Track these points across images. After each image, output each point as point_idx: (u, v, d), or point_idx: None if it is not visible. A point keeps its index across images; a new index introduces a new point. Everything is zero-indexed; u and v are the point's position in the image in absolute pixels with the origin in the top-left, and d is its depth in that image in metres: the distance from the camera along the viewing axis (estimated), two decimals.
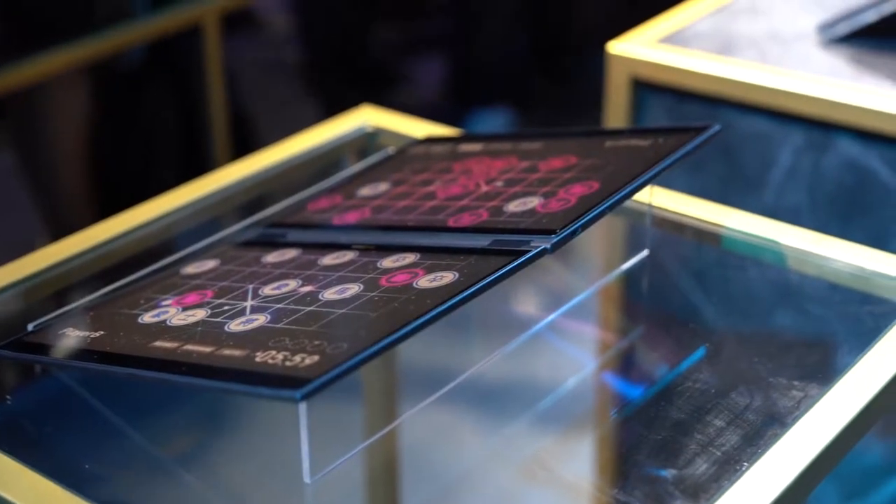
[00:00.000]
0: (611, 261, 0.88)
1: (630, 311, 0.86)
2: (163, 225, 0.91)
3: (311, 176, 0.97)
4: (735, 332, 0.81)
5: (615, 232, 0.88)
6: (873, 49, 1.17)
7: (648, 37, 1.21)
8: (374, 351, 0.58)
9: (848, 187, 1.10)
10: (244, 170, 0.97)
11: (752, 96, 1.12)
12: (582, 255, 0.89)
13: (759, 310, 0.83)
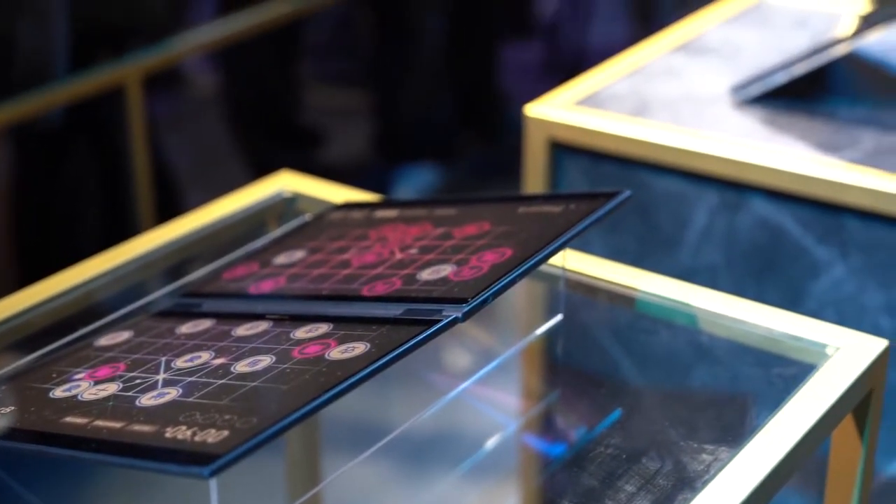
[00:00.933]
0: (526, 325, 0.89)
1: (546, 375, 0.86)
2: (81, 294, 0.90)
3: (229, 243, 0.97)
4: (648, 394, 0.82)
5: (530, 296, 0.89)
6: (784, 110, 1.19)
7: (565, 99, 1.23)
8: (283, 425, 0.58)
9: (762, 246, 1.12)
10: (162, 237, 0.97)
11: (666, 158, 1.14)
12: (498, 320, 0.90)
13: (671, 372, 0.84)
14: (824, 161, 1.09)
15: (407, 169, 2.81)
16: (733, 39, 1.37)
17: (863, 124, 1.16)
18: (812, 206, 1.09)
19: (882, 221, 1.06)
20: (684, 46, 1.36)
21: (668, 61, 1.32)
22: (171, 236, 0.97)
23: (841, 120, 1.17)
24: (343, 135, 2.97)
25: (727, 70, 1.29)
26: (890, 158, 1.09)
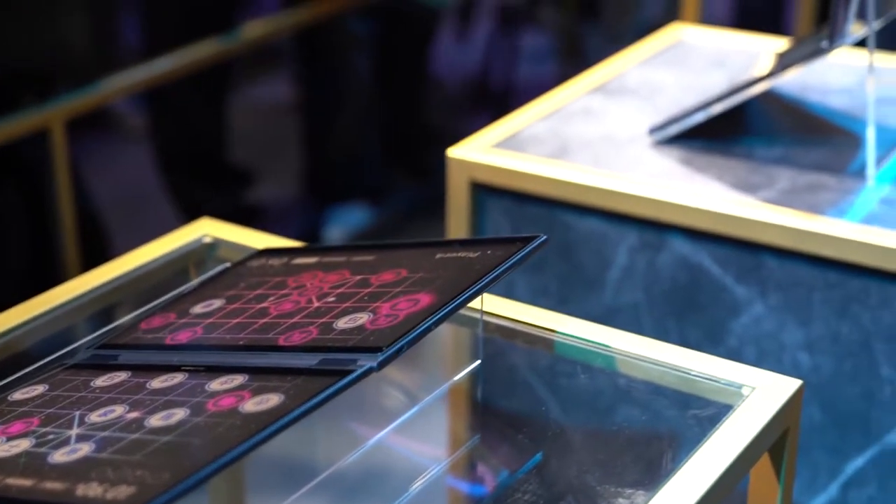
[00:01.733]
0: (446, 370, 0.89)
1: (466, 420, 0.86)
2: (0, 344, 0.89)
3: (149, 291, 0.97)
4: (568, 437, 0.82)
5: (449, 341, 0.89)
6: (702, 149, 1.21)
7: (486, 141, 1.23)
8: (194, 481, 0.58)
9: (682, 285, 1.13)
10: (82, 286, 0.96)
11: (587, 198, 1.15)
12: (419, 365, 0.90)
13: (591, 415, 0.84)
14: (741, 200, 1.10)
15: (337, 208, 2.81)
16: (652, 79, 1.39)
17: (779, 163, 1.17)
18: (730, 245, 1.10)
19: (799, 260, 1.07)
20: (603, 87, 1.37)
21: (587, 102, 1.33)
22: (91, 285, 0.96)
23: (758, 159, 1.18)
24: (273, 174, 2.97)
25: (646, 110, 1.31)
26: (805, 197, 1.10)
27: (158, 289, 0.96)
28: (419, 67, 3.02)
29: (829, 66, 1.38)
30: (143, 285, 0.98)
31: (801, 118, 1.30)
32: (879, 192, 1.12)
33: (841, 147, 1.21)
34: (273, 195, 2.89)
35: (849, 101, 1.32)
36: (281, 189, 2.94)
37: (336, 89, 2.73)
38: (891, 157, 1.18)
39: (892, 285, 1.04)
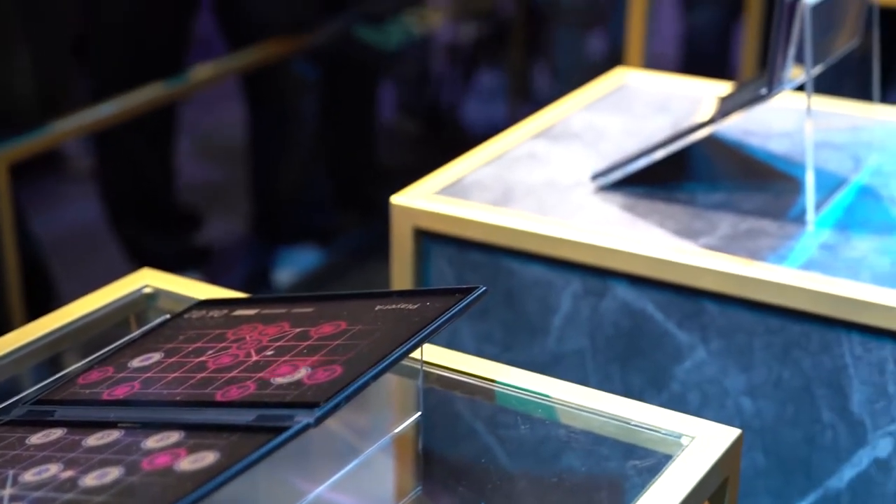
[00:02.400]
0: (386, 422, 0.89)
1: (408, 471, 0.86)
2: None
3: (89, 343, 0.96)
4: (509, 488, 0.82)
5: (390, 393, 0.89)
6: (645, 195, 1.21)
7: (430, 187, 1.24)
8: None
9: (626, 331, 1.14)
10: (21, 338, 0.95)
11: (530, 245, 1.15)
12: (359, 417, 0.90)
13: (531, 465, 0.84)
14: (683, 247, 1.11)
15: (286, 250, 2.80)
16: (596, 124, 1.40)
17: (721, 209, 1.18)
18: (672, 291, 1.10)
19: (740, 305, 1.08)
20: (547, 132, 1.38)
21: (531, 147, 1.34)
22: (31, 337, 0.95)
23: (699, 205, 1.19)
24: (221, 216, 2.96)
25: (589, 155, 1.31)
26: (746, 243, 1.11)
27: (99, 340, 0.95)
28: (367, 108, 3.02)
29: (770, 109, 1.40)
30: (84, 337, 0.98)
31: (742, 163, 1.31)
32: (819, 237, 1.13)
33: (782, 192, 1.22)
34: (221, 237, 2.88)
35: (790, 145, 1.33)
36: (229, 231, 2.93)
37: (283, 131, 2.72)
38: (830, 202, 1.19)
39: (831, 331, 1.05)
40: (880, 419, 1.05)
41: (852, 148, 1.32)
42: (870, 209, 1.19)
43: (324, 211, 2.89)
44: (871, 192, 1.22)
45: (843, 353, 1.05)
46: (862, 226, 1.15)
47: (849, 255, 1.09)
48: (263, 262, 2.82)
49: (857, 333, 1.04)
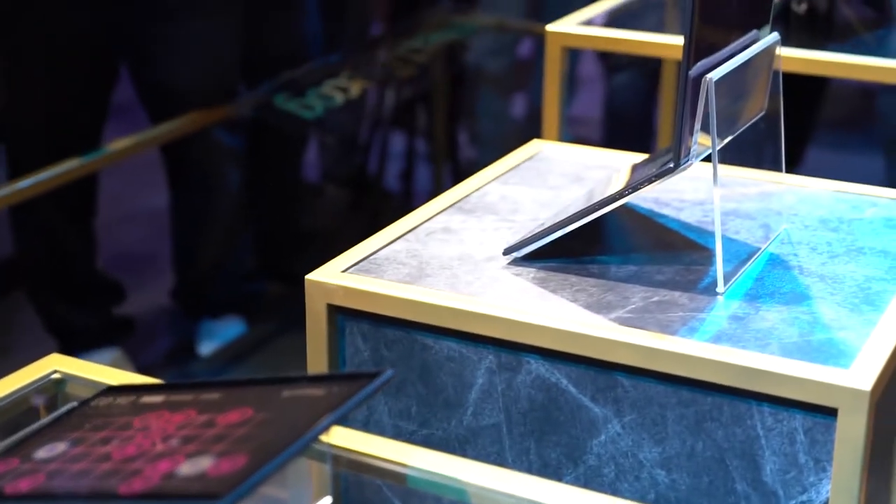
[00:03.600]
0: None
1: None
2: None
3: None
4: None
5: (297, 478, 0.88)
6: (558, 268, 1.22)
7: (344, 263, 1.24)
8: None
9: (541, 405, 1.14)
10: None
11: (444, 321, 1.15)
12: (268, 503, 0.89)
13: None
14: (595, 321, 1.11)
15: (210, 322, 2.78)
16: (511, 196, 1.41)
17: (633, 280, 1.19)
18: (586, 364, 1.11)
19: (652, 378, 1.08)
20: (462, 204, 1.38)
21: (446, 220, 1.34)
22: None
23: (612, 277, 1.20)
24: (144, 287, 2.94)
25: (504, 228, 1.32)
26: (657, 315, 1.12)
27: (6, 429, 0.94)
28: (290, 176, 3.02)
29: (683, 178, 1.41)
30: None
31: (655, 233, 1.32)
32: (729, 308, 1.14)
33: (693, 263, 1.24)
34: (143, 309, 2.86)
35: (702, 214, 1.35)
36: (151, 303, 2.90)
37: (205, 201, 2.72)
38: (741, 273, 1.21)
39: (742, 402, 1.06)
40: (792, 489, 1.05)
41: (763, 217, 1.34)
42: (779, 279, 1.20)
43: (248, 281, 2.88)
44: (780, 262, 1.24)
45: (755, 424, 1.06)
46: (771, 296, 1.16)
47: (758, 326, 1.10)
48: (186, 334, 2.80)
49: (768, 405, 1.05)
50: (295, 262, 2.98)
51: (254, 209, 2.92)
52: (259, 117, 2.69)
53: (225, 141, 2.70)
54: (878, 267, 1.23)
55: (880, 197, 1.40)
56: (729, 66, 1.17)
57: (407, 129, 3.67)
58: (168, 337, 2.87)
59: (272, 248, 3.00)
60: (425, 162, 3.64)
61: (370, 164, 3.54)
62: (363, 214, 3.47)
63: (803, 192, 1.41)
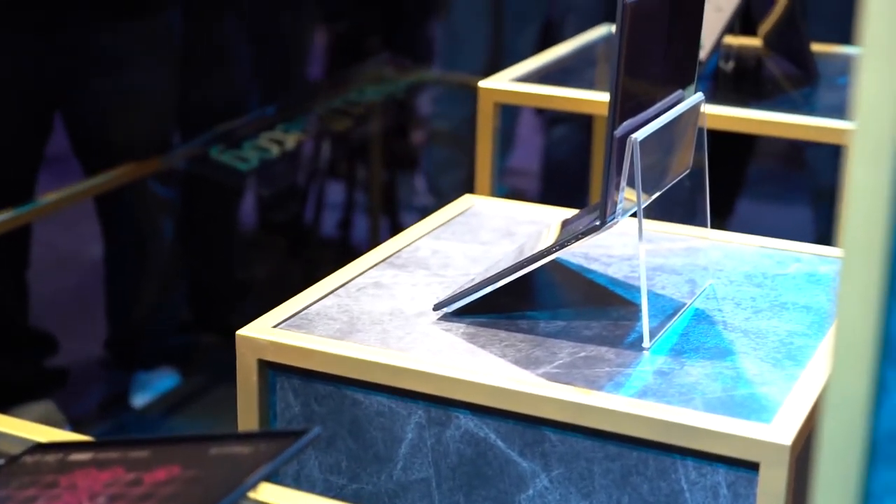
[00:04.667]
0: None
1: None
2: None
3: None
4: None
5: None
6: (488, 323, 1.23)
7: (275, 318, 1.24)
8: None
9: (470, 459, 1.15)
10: None
11: (374, 376, 1.16)
12: None
13: None
14: (523, 376, 1.13)
15: (143, 374, 2.76)
16: (442, 251, 1.42)
17: (561, 336, 1.21)
18: (514, 419, 1.12)
19: (579, 433, 1.10)
20: (394, 259, 1.40)
21: (377, 275, 1.35)
22: None
23: (540, 333, 1.22)
24: (77, 339, 2.92)
25: (435, 283, 1.33)
26: (584, 371, 1.14)
27: None
28: (226, 227, 3.02)
29: (612, 234, 1.43)
30: None
31: (583, 288, 1.34)
32: (654, 363, 1.16)
33: (621, 318, 1.25)
34: (77, 360, 2.84)
35: (629, 269, 1.37)
36: (85, 354, 2.88)
37: (139, 252, 2.71)
38: (666, 328, 1.23)
39: (667, 457, 1.07)
40: None
41: (689, 272, 1.37)
42: (704, 334, 1.22)
43: (182, 332, 2.87)
44: (705, 317, 1.26)
45: (679, 478, 1.07)
46: (696, 351, 1.18)
47: (683, 381, 1.12)
48: (120, 385, 2.78)
49: (692, 459, 1.07)
50: (230, 314, 2.97)
51: (188, 260, 2.92)
52: (194, 169, 2.69)
53: (159, 192, 2.70)
54: (801, 322, 1.25)
55: (803, 253, 1.43)
56: (654, 125, 1.19)
57: (345, 180, 3.69)
58: (101, 388, 2.85)
59: (207, 299, 3.00)
60: (363, 212, 3.65)
61: (306, 215, 3.55)
62: (299, 264, 3.47)
63: (729, 248, 1.44)
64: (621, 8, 1.10)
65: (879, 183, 0.55)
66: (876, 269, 0.55)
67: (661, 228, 1.48)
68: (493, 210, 1.56)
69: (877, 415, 0.57)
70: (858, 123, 0.55)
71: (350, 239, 3.65)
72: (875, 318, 0.57)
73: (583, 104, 1.93)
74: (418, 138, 3.90)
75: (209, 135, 2.64)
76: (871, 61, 0.54)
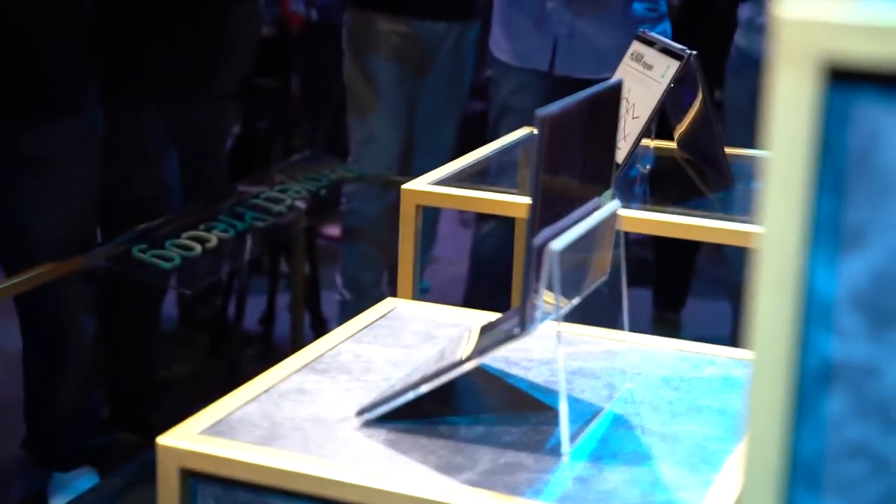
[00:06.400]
0: None
1: None
2: None
3: None
4: None
5: None
6: (409, 430, 1.24)
7: (196, 425, 1.24)
8: None
9: None
10: None
11: (295, 485, 1.17)
12: None
13: None
14: (443, 483, 1.14)
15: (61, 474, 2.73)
16: (364, 355, 1.43)
17: (482, 442, 1.22)
18: None
19: None
20: (315, 364, 1.40)
21: (299, 381, 1.36)
22: None
23: (461, 439, 1.23)
24: None
25: (357, 388, 1.34)
26: (504, 478, 1.15)
27: None
28: (147, 325, 3.01)
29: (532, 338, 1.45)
30: None
31: (504, 393, 1.35)
32: (574, 469, 1.17)
33: (540, 423, 1.27)
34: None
35: (549, 374, 1.39)
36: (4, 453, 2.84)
37: (60, 350, 2.68)
38: (585, 433, 1.24)
39: None
40: None
41: (607, 376, 1.39)
42: (622, 439, 1.24)
43: (101, 432, 2.84)
44: (623, 422, 1.28)
45: None
46: (614, 457, 1.20)
47: (601, 488, 1.14)
48: (38, 485, 2.74)
49: None
50: (150, 412, 2.95)
51: (109, 358, 2.89)
52: (116, 268, 2.68)
53: (81, 291, 2.68)
54: (716, 426, 1.28)
55: (719, 356, 1.46)
56: (572, 234, 1.22)
57: (267, 275, 3.69)
58: (19, 488, 2.80)
59: (127, 397, 2.97)
60: (285, 307, 3.65)
61: (229, 311, 3.54)
62: (221, 361, 3.45)
63: (646, 351, 1.46)
64: (540, 121, 1.13)
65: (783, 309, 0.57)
66: (781, 396, 0.57)
67: (580, 331, 1.50)
68: (415, 313, 1.58)
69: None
70: (763, 255, 0.58)
71: (272, 334, 3.64)
72: (783, 439, 0.59)
73: (504, 206, 1.96)
74: (338, 234, 3.92)
75: (132, 234, 2.63)
76: (774, 195, 0.57)
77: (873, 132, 0.57)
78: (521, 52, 3.13)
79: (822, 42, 0.56)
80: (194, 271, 2.70)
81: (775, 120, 0.57)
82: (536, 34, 3.08)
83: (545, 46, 3.07)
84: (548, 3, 3.06)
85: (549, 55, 3.07)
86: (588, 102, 1.24)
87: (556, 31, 3.06)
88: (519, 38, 3.13)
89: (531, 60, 3.11)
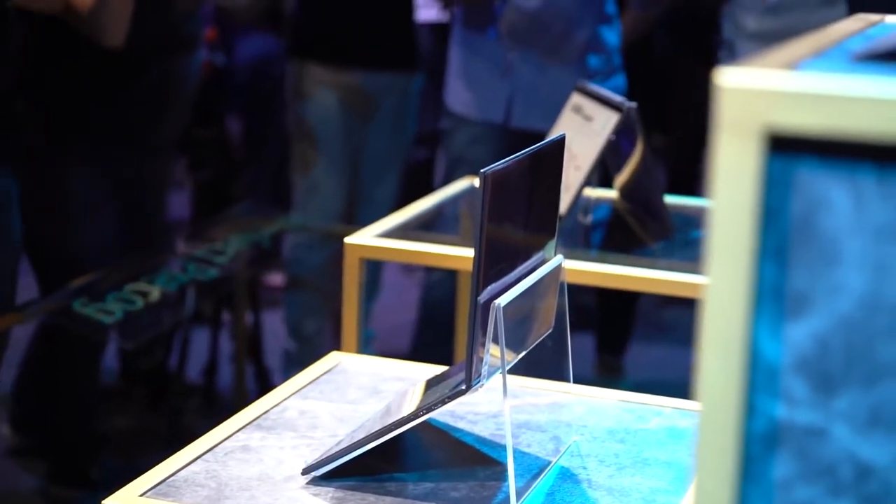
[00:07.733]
0: None
1: None
2: None
3: None
4: None
5: None
6: (356, 487, 1.24)
7: (140, 486, 1.23)
8: None
9: None
10: None
11: None
12: None
13: None
14: None
15: None
16: (310, 411, 1.43)
17: (430, 498, 1.22)
18: None
19: None
20: (262, 421, 1.39)
21: (245, 438, 1.35)
22: None
23: (409, 496, 1.22)
24: None
25: (303, 445, 1.34)
26: None
27: None
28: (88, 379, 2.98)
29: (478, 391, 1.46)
30: None
31: (450, 448, 1.35)
32: None
33: (488, 478, 1.27)
34: None
35: (495, 427, 1.39)
36: None
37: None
38: (533, 488, 1.24)
39: None
40: None
41: (553, 429, 1.39)
42: (569, 493, 1.24)
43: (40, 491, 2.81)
44: (570, 475, 1.28)
45: None
46: None
47: None
48: None
49: None
50: (91, 467, 2.92)
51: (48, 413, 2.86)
52: (56, 322, 2.65)
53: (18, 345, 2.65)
54: (663, 478, 1.28)
55: (664, 407, 1.46)
56: (516, 290, 1.22)
57: (209, 327, 3.66)
58: None
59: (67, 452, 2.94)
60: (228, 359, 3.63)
61: (171, 363, 3.51)
62: (163, 413, 3.42)
63: (591, 403, 1.47)
64: (483, 179, 1.14)
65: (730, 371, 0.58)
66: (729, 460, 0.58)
67: (525, 383, 1.50)
68: (360, 367, 1.57)
69: None
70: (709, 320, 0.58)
71: (215, 385, 3.62)
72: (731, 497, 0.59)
73: (448, 260, 1.96)
74: (281, 284, 3.90)
75: (73, 288, 2.61)
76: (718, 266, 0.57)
77: (815, 199, 0.58)
78: (478, 103, 3.14)
79: (764, 111, 0.57)
80: (136, 325, 2.68)
81: (719, 187, 0.58)
82: (495, 85, 3.10)
83: (501, 98, 3.09)
84: (507, 53, 3.08)
85: (505, 106, 3.09)
86: (531, 158, 1.25)
87: (514, 83, 3.08)
88: (476, 88, 3.14)
89: (487, 111, 3.13)
